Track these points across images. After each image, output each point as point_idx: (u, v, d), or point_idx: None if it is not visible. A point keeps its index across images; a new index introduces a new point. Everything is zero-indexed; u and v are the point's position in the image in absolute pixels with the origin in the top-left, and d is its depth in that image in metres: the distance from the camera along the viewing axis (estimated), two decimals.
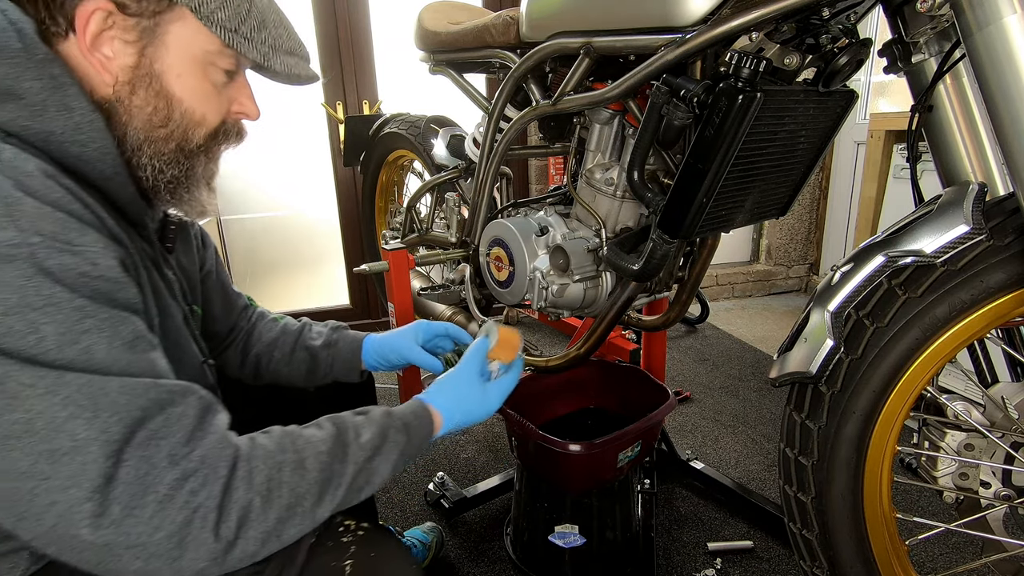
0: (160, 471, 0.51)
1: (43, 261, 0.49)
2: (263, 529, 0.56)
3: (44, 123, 0.55)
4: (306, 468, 0.60)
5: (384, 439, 0.67)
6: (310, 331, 1.02)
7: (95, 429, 0.49)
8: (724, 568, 1.31)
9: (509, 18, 1.17)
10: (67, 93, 0.57)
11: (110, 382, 0.51)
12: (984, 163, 0.83)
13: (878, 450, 0.77)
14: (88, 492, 0.48)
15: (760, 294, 3.31)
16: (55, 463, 0.48)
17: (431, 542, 1.35)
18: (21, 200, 0.50)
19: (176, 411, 0.54)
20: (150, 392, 0.53)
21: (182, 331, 0.74)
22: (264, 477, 0.57)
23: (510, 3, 2.70)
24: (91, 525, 0.48)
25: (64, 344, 0.49)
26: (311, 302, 2.85)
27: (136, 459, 0.50)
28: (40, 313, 0.48)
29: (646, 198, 0.98)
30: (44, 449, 0.48)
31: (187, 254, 0.86)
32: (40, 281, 0.49)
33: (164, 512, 0.51)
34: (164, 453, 0.52)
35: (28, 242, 0.49)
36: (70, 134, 0.57)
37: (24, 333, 0.48)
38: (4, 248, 0.48)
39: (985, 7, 0.66)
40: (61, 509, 0.48)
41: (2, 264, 0.47)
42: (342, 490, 0.62)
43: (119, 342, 0.53)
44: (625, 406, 1.41)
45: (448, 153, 1.64)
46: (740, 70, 0.81)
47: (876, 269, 0.74)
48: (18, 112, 0.54)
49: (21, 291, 0.48)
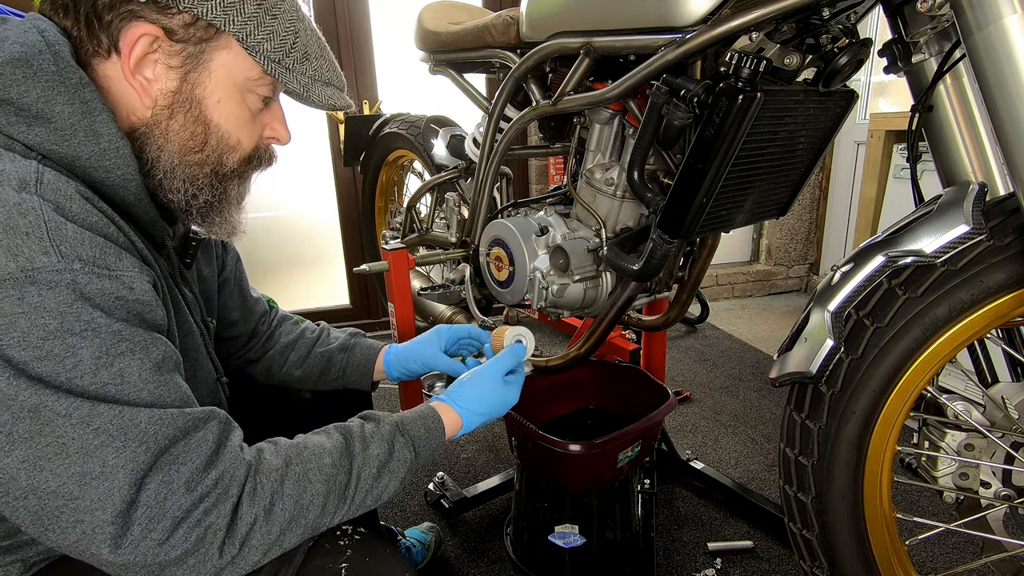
0: (179, 496, 0.53)
1: (84, 287, 0.50)
2: (266, 541, 0.57)
3: (71, 148, 0.56)
4: (310, 480, 0.60)
5: (391, 455, 0.67)
6: (328, 335, 1.02)
7: (124, 457, 0.51)
8: (724, 568, 1.31)
9: (509, 18, 1.17)
10: (96, 119, 0.57)
11: (140, 413, 0.52)
12: (984, 163, 0.83)
13: (878, 450, 0.77)
14: (112, 516, 0.50)
15: (760, 294, 3.31)
16: (84, 486, 0.50)
17: (430, 542, 1.35)
18: (63, 225, 0.51)
19: (197, 436, 0.56)
20: (177, 421, 0.54)
21: (200, 349, 0.75)
22: (268, 491, 0.58)
23: (510, 3, 2.70)
24: (111, 546, 0.50)
25: (100, 367, 0.51)
26: (311, 302, 2.85)
27: (157, 483, 0.52)
28: (79, 338, 0.50)
29: (646, 198, 0.98)
30: (75, 472, 0.49)
31: (208, 264, 0.86)
32: (80, 307, 0.50)
33: (179, 532, 0.52)
34: (184, 478, 0.53)
35: (70, 268, 0.50)
36: (96, 159, 0.57)
37: (62, 357, 0.49)
38: (47, 274, 0.49)
39: (985, 7, 0.66)
40: (86, 528, 0.50)
41: (45, 290, 0.49)
42: (347, 503, 0.63)
43: (150, 364, 0.54)
44: (625, 406, 1.41)
45: (448, 153, 1.64)
46: (740, 70, 0.81)
47: (876, 269, 0.73)
48: (47, 135, 0.55)
49: (62, 317, 0.49)
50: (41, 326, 0.48)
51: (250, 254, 2.72)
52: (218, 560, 0.54)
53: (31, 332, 0.48)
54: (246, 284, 0.96)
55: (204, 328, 0.79)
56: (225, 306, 0.92)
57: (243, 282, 0.95)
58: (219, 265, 0.89)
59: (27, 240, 0.49)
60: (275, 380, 0.99)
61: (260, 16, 0.62)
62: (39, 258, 0.49)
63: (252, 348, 0.98)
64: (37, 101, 0.54)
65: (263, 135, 0.71)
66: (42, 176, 0.52)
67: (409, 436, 0.70)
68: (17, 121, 0.54)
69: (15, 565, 0.61)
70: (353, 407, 1.03)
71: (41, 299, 0.49)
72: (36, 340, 0.48)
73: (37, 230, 0.49)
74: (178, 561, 0.52)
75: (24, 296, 0.48)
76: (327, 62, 0.70)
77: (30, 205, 0.50)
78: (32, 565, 0.62)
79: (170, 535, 0.52)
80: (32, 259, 0.49)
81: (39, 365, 0.49)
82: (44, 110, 0.55)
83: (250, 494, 0.57)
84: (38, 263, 0.49)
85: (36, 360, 0.48)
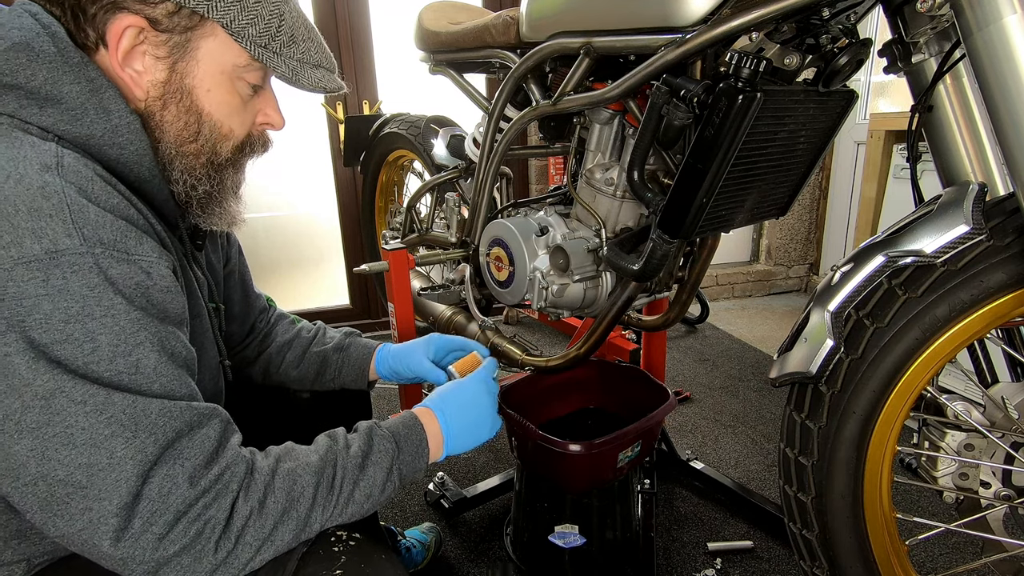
0: (181, 490, 0.53)
1: (106, 270, 0.51)
2: (260, 536, 0.57)
3: (84, 127, 0.56)
4: (299, 474, 0.61)
5: (371, 446, 0.67)
6: (324, 335, 1.02)
7: (133, 448, 0.51)
8: (724, 568, 1.31)
9: (509, 18, 1.17)
10: (104, 96, 0.57)
11: (152, 404, 0.53)
12: (984, 163, 0.83)
13: (878, 450, 0.77)
14: (116, 507, 0.50)
15: (760, 294, 3.31)
16: (92, 476, 0.50)
17: (429, 542, 1.36)
18: (85, 207, 0.51)
19: (202, 432, 0.56)
20: (184, 415, 0.55)
21: (207, 331, 0.76)
22: (261, 485, 0.58)
23: (510, 3, 2.71)
24: (112, 539, 0.50)
25: (116, 355, 0.51)
26: (311, 302, 2.85)
27: (161, 477, 0.53)
28: (99, 323, 0.50)
29: (646, 198, 0.98)
30: (83, 462, 0.50)
31: (215, 252, 0.87)
32: (102, 291, 0.51)
33: (178, 527, 0.52)
34: (187, 473, 0.54)
35: (92, 252, 0.50)
36: (109, 137, 0.58)
37: (81, 342, 0.49)
38: (71, 257, 0.49)
39: (985, 7, 0.66)
40: (92, 517, 0.51)
41: (68, 273, 0.49)
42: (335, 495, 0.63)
43: (165, 356, 0.55)
44: (625, 406, 1.41)
45: (448, 153, 1.64)
46: (740, 70, 0.81)
47: (876, 269, 0.73)
48: (59, 116, 0.55)
49: (83, 301, 0.50)
50: (63, 309, 0.49)
51: (250, 254, 2.69)
52: (213, 557, 0.54)
53: (53, 315, 0.48)
54: (249, 278, 0.96)
55: (212, 311, 0.79)
56: (229, 299, 0.92)
57: (246, 275, 0.96)
58: (224, 256, 0.90)
59: (51, 222, 0.49)
60: (272, 380, 0.99)
61: (243, 1, 0.61)
62: (63, 240, 0.49)
63: (249, 345, 0.98)
64: (44, 83, 0.55)
65: (256, 122, 0.71)
66: (62, 159, 0.53)
67: (387, 429, 0.71)
68: (29, 104, 0.55)
69: (20, 565, 0.61)
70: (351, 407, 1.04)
71: (65, 282, 0.49)
72: (58, 323, 0.49)
73: (60, 212, 0.50)
74: (175, 556, 0.52)
75: (48, 278, 0.48)
76: (315, 44, 0.69)
77: (53, 188, 0.50)
78: (35, 566, 0.62)
79: (170, 530, 0.52)
80: (56, 241, 0.49)
81: (59, 348, 0.49)
82: (52, 92, 0.55)
83: (245, 489, 0.57)
84: (62, 245, 0.49)
85: (57, 343, 0.49)
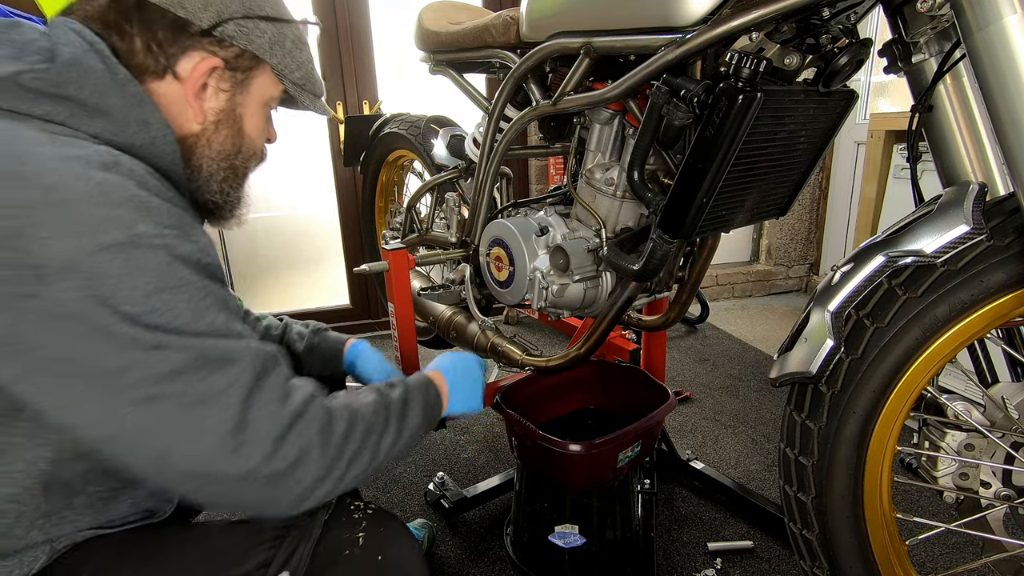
0: (280, 414, 0.63)
1: (175, 249, 0.58)
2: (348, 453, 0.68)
3: (127, 137, 0.63)
4: (362, 403, 0.74)
5: (407, 392, 0.81)
6: (290, 332, 1.03)
7: (231, 379, 0.60)
8: (724, 568, 1.31)
9: (509, 18, 1.17)
10: (145, 109, 0.65)
11: (239, 343, 0.62)
12: (984, 163, 0.83)
13: (878, 450, 0.78)
14: (228, 431, 0.59)
15: (760, 294, 3.31)
16: (203, 407, 0.58)
17: (423, 538, 1.37)
18: (148, 198, 0.58)
19: (279, 368, 0.66)
20: (261, 350, 0.64)
21: None
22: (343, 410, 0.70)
23: (510, 3, 2.71)
24: (229, 461, 0.59)
25: (196, 318, 0.59)
26: (311, 302, 2.85)
27: (260, 402, 0.61)
28: (174, 292, 0.58)
29: (646, 198, 0.98)
30: (194, 397, 0.58)
31: None
32: (176, 266, 0.58)
33: (285, 445, 0.62)
34: (277, 397, 0.63)
35: (162, 234, 0.57)
36: (147, 147, 0.65)
37: (163, 311, 0.57)
38: (147, 239, 0.56)
39: (985, 7, 0.66)
40: (206, 446, 0.58)
41: (145, 252, 0.56)
42: (391, 427, 0.75)
43: (229, 313, 0.63)
44: (625, 406, 1.41)
45: (448, 153, 1.64)
46: (740, 70, 0.81)
47: (876, 269, 0.73)
48: (106, 126, 0.62)
49: (160, 276, 0.57)
50: (144, 284, 0.55)
51: (250, 254, 2.72)
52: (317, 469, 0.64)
53: (136, 289, 0.55)
54: None
55: None
56: None
57: None
58: None
59: (123, 210, 0.56)
60: None
61: (295, 51, 0.75)
62: (138, 225, 0.56)
63: None
64: (92, 96, 0.61)
65: None
66: (119, 159, 0.59)
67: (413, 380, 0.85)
68: (80, 114, 0.60)
69: (44, 547, 0.65)
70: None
71: (143, 261, 0.56)
72: (141, 297, 0.55)
73: (129, 201, 0.56)
74: (288, 470, 0.62)
75: (129, 259, 0.55)
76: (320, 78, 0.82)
77: (116, 181, 0.57)
78: (57, 551, 0.66)
79: (278, 446, 0.61)
80: (132, 226, 0.55)
81: (147, 317, 0.56)
82: (100, 104, 0.61)
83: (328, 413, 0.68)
84: (138, 230, 0.56)
85: (145, 313, 0.56)
